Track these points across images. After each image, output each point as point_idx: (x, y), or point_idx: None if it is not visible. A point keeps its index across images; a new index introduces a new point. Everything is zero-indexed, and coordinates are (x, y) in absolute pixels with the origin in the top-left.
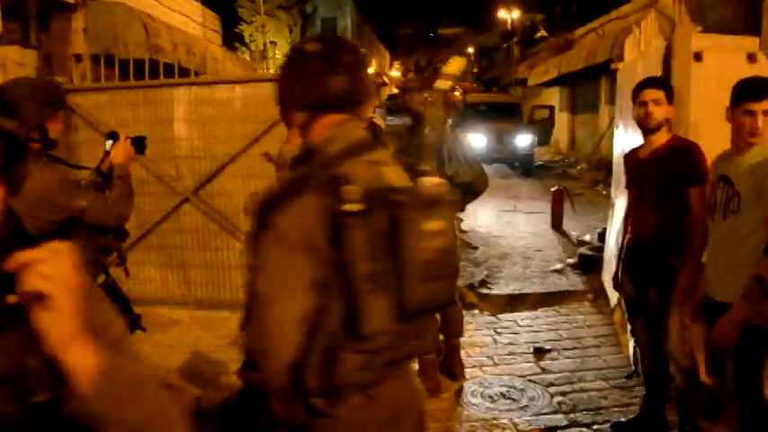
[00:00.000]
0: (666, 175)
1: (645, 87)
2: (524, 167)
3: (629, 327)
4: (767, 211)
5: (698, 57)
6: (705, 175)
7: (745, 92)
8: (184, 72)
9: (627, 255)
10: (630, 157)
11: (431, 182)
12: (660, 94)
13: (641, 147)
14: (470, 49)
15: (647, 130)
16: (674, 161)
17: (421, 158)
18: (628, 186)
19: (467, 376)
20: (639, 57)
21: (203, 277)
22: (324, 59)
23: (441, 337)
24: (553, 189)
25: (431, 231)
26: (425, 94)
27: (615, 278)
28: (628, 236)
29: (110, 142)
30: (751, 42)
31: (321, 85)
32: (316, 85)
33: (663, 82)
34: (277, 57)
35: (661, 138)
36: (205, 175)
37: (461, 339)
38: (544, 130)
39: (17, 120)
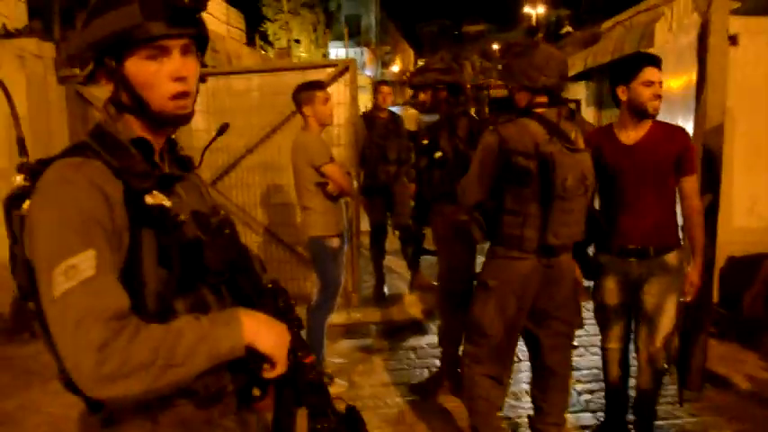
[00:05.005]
0: (665, 164)
1: (648, 65)
2: None
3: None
4: None
5: (733, 40)
6: (695, 164)
7: None
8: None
9: (614, 258)
10: (608, 143)
11: None
12: (661, 75)
13: (619, 132)
14: (495, 46)
15: (649, 115)
16: (671, 147)
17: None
18: (606, 178)
19: None
20: (672, 39)
21: None
22: None
23: None
24: None
25: None
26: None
27: (596, 290)
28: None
29: None
30: None
31: None
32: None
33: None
34: (301, 54)
35: (647, 122)
36: (222, 168)
37: None
38: None
39: None
